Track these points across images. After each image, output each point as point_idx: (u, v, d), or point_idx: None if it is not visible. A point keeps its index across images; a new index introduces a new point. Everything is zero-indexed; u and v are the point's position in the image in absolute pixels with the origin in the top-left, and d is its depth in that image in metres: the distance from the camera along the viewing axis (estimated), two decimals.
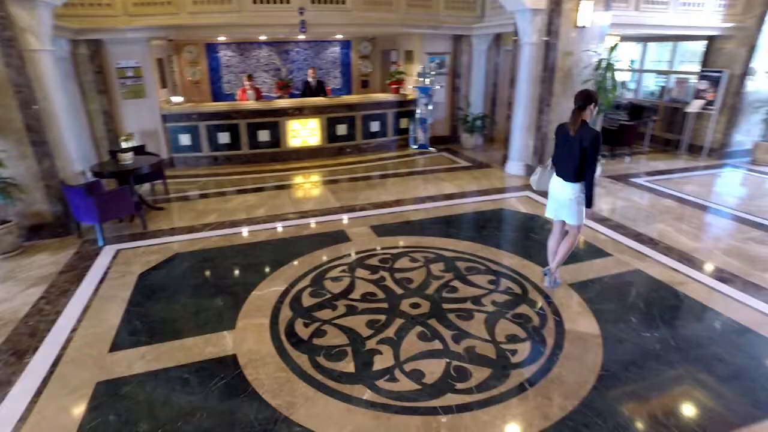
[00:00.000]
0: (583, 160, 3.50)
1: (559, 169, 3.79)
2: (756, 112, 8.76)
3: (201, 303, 3.81)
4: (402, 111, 9.31)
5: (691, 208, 6.25)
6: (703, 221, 5.81)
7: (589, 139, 3.42)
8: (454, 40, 9.33)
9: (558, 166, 3.81)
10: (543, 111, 7.10)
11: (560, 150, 3.75)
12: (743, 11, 8.33)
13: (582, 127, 3.50)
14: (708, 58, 9.03)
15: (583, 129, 3.50)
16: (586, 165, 3.51)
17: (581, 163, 3.52)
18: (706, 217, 5.95)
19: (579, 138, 3.48)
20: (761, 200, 6.63)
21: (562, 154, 3.70)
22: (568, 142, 3.59)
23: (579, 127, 3.51)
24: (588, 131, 3.47)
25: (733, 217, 5.90)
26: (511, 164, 7.84)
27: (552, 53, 6.71)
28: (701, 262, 4.60)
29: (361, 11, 7.85)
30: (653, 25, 7.92)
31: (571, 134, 3.55)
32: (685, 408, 2.72)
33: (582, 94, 3.56)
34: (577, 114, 3.51)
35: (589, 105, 3.50)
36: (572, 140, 3.54)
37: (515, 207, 6.25)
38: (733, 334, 3.46)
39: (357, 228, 5.40)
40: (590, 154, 3.45)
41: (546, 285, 4.10)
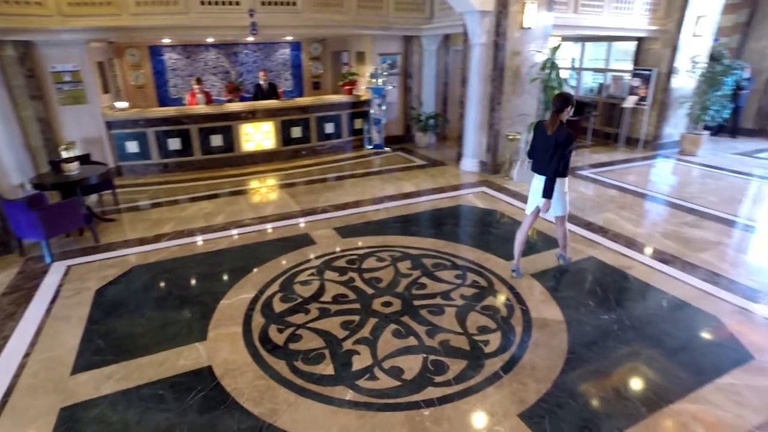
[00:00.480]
0: (556, 156, 3.80)
1: (536, 164, 4.06)
2: (681, 106, 9.51)
3: (167, 316, 3.68)
4: (356, 112, 9.34)
5: (632, 197, 6.71)
6: (643, 208, 6.26)
7: (562, 139, 3.74)
8: (404, 40, 9.48)
9: (535, 162, 4.09)
10: (494, 109, 7.37)
11: (538, 146, 4.03)
12: (665, 15, 9.02)
13: (559, 128, 3.79)
14: (638, 58, 9.71)
15: (559, 129, 3.79)
16: (560, 161, 3.81)
17: (552, 160, 3.82)
18: (645, 205, 6.41)
19: (555, 137, 3.78)
20: (690, 187, 7.23)
21: (540, 151, 3.98)
22: (546, 140, 3.87)
23: (556, 128, 3.79)
24: (563, 132, 3.77)
25: (668, 204, 6.40)
26: (466, 161, 8.07)
27: (501, 53, 6.98)
28: (645, 246, 4.97)
29: (311, 13, 7.80)
30: (590, 27, 8.41)
31: (549, 133, 3.84)
32: (643, 380, 2.96)
33: (559, 98, 3.84)
34: (555, 115, 3.81)
35: (566, 107, 3.79)
36: (549, 139, 3.83)
37: (473, 203, 6.46)
38: (676, 310, 3.78)
39: (320, 230, 5.38)
40: (562, 153, 3.77)
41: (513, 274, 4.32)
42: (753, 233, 5.47)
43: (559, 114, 3.79)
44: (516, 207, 6.20)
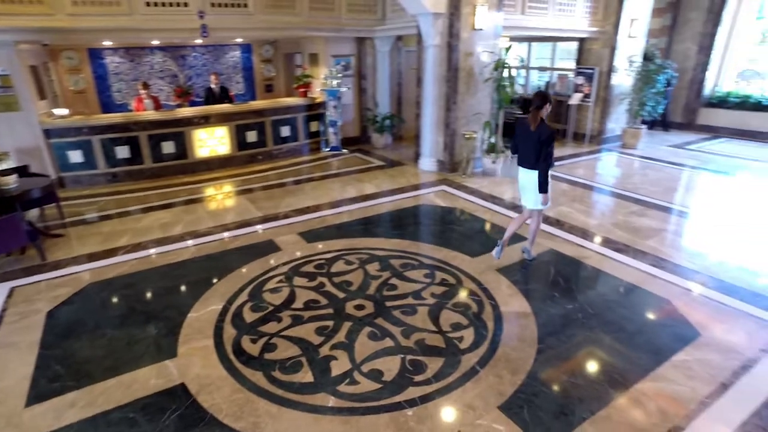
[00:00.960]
0: (540, 151, 4.05)
1: (521, 159, 4.35)
2: (621, 103, 10.11)
3: (132, 334, 3.50)
4: (311, 114, 9.25)
5: (582, 190, 7.08)
6: (593, 200, 6.61)
7: (545, 135, 4.00)
8: (357, 42, 9.49)
9: (520, 157, 4.37)
10: (450, 109, 7.53)
11: (521, 143, 4.29)
12: (603, 17, 9.55)
13: (540, 124, 4.07)
14: (581, 57, 10.22)
15: (541, 126, 4.06)
16: (542, 156, 4.05)
17: (538, 154, 4.08)
18: (595, 197, 6.77)
19: (538, 133, 4.04)
20: (634, 179, 7.71)
21: (524, 147, 4.26)
22: (529, 136, 4.13)
23: (538, 124, 4.06)
24: (545, 128, 4.04)
25: (615, 195, 6.79)
26: (424, 161, 8.20)
27: (454, 54, 7.14)
28: (599, 236, 5.25)
29: (263, 14, 7.65)
30: (536, 28, 8.75)
31: (532, 129, 4.10)
32: (608, 364, 3.13)
33: (539, 96, 4.11)
34: (535, 112, 4.07)
35: (545, 105, 4.07)
36: (533, 135, 4.08)
37: (434, 202, 6.57)
38: (632, 295, 4.03)
39: (285, 236, 5.30)
40: (546, 148, 4.01)
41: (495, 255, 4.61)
42: (689, 219, 5.91)
43: (539, 111, 4.06)
44: (475, 204, 6.38)
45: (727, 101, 11.58)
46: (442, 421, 2.64)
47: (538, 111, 4.07)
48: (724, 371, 3.10)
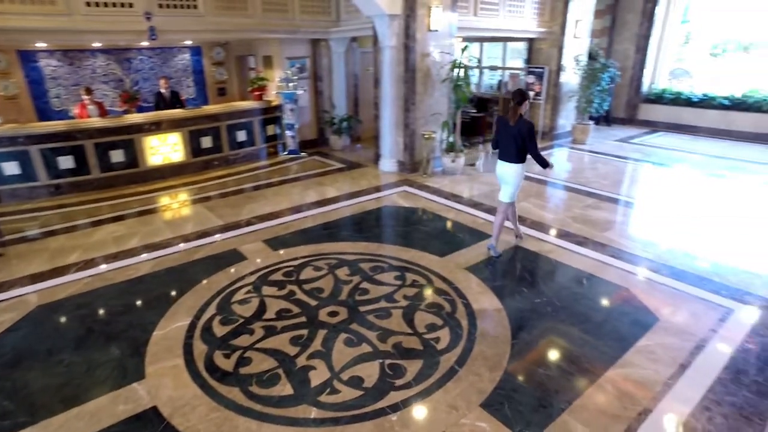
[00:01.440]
0: (523, 145, 4.36)
1: (502, 153, 4.56)
2: (570, 100, 10.56)
3: (92, 358, 3.27)
4: (268, 118, 9.05)
5: (540, 185, 7.32)
6: (551, 196, 6.85)
7: (526, 129, 4.30)
8: (312, 43, 9.38)
9: (501, 151, 4.58)
10: (409, 109, 7.58)
11: (502, 138, 4.51)
12: (550, 19, 9.93)
13: (519, 120, 4.33)
14: (531, 57, 10.58)
15: (520, 121, 4.33)
16: (526, 148, 4.38)
17: (522, 148, 4.39)
18: (552, 192, 7.02)
19: (518, 128, 4.31)
20: (586, 173, 8.06)
21: (504, 141, 4.49)
22: (508, 131, 4.39)
23: (517, 120, 4.31)
24: (524, 123, 4.33)
25: (571, 189, 7.08)
26: (385, 162, 8.21)
27: (411, 55, 7.19)
28: (560, 230, 5.46)
29: (215, 16, 7.39)
30: (488, 29, 8.98)
31: (511, 125, 4.35)
32: (579, 354, 3.25)
33: (518, 93, 4.36)
34: (515, 108, 4.32)
35: (524, 101, 4.34)
36: (512, 130, 4.35)
37: (398, 203, 6.60)
38: (595, 286, 4.22)
39: (249, 244, 5.15)
40: (528, 139, 4.33)
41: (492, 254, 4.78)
42: (639, 210, 6.26)
43: (519, 107, 4.31)
44: (438, 203, 6.46)
45: (663, 98, 12.36)
46: (426, 424, 2.65)
47: (518, 107, 4.32)
48: (682, 352, 3.30)
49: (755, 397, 2.90)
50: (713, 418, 2.74)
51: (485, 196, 6.73)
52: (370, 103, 10.25)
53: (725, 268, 4.55)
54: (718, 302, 3.97)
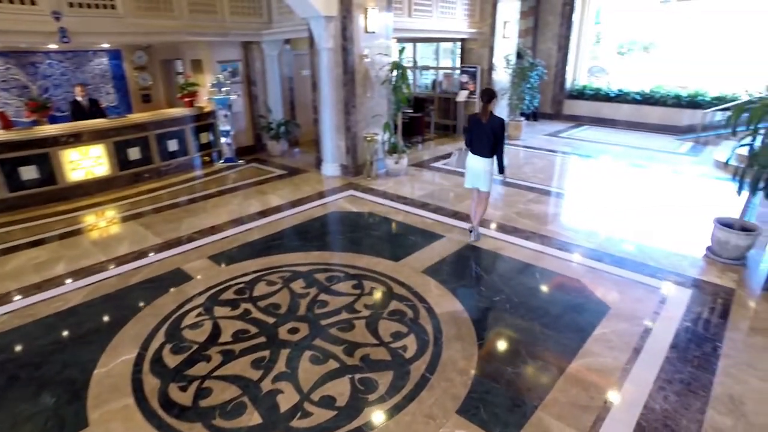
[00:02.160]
0: (495, 140, 4.64)
1: (475, 149, 4.82)
2: (502, 98, 10.97)
3: (19, 410, 2.85)
4: (201, 125, 8.57)
5: None
6: (495, 192, 7.03)
7: (497, 126, 4.60)
8: (244, 46, 9.00)
9: (474, 147, 4.84)
10: (349, 112, 7.49)
11: (475, 134, 4.77)
12: (480, 20, 10.26)
13: (491, 117, 4.62)
14: (464, 56, 10.87)
15: (492, 118, 4.62)
16: (497, 143, 4.66)
17: (494, 143, 4.67)
18: (495, 188, 7.21)
19: (490, 125, 4.61)
20: (524, 168, 8.39)
21: (478, 138, 4.75)
22: (482, 128, 4.67)
23: (489, 117, 4.60)
24: (496, 119, 4.63)
25: (512, 185, 7.32)
26: (327, 166, 8.05)
27: (350, 57, 7.10)
28: (508, 227, 5.61)
29: (136, 17, 6.85)
30: (422, 29, 9.10)
31: (484, 122, 4.63)
32: (544, 348, 3.34)
33: (487, 92, 4.66)
34: (486, 107, 4.63)
35: (493, 99, 4.64)
36: (485, 126, 4.63)
37: (345, 208, 6.48)
38: (547, 279, 4.37)
39: (194, 262, 4.82)
40: (499, 136, 4.63)
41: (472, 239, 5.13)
42: (578, 201, 6.61)
43: (489, 105, 4.61)
44: (386, 206, 6.42)
45: (584, 94, 13.21)
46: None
47: (488, 105, 4.61)
48: (634, 337, 3.49)
49: (698, 371, 3.13)
50: (668, 397, 2.91)
51: (431, 196, 6.80)
52: (307, 107, 10.04)
53: (657, 252, 4.90)
54: (656, 285, 4.26)
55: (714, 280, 4.36)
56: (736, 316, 3.80)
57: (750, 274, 4.50)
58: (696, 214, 6.10)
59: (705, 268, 4.59)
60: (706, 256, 4.87)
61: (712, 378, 3.08)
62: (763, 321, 3.75)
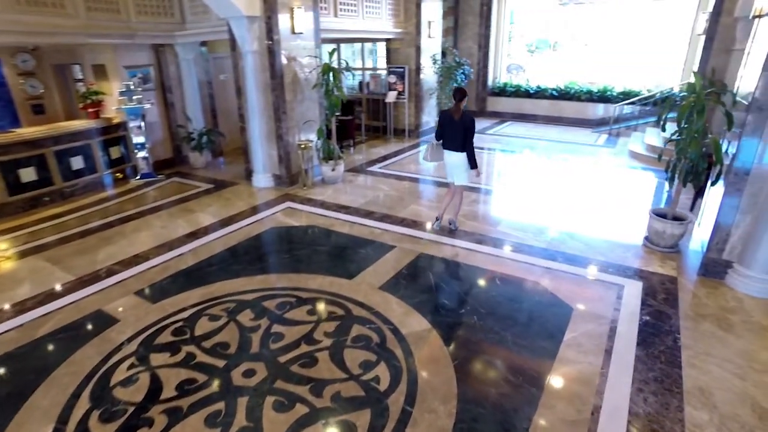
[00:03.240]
0: (466, 136, 4.90)
1: (448, 144, 5.10)
2: (431, 97, 11.00)
3: None
4: (110, 138, 7.62)
5: (423, 185, 7.42)
6: (438, 195, 6.94)
7: (469, 122, 4.88)
8: (155, 50, 8.12)
9: (446, 142, 5.12)
10: (280, 119, 7.02)
11: (447, 131, 5.06)
12: (405, 20, 10.18)
13: (463, 114, 4.90)
14: (391, 57, 10.73)
15: (464, 115, 4.90)
16: (467, 139, 4.92)
17: (465, 139, 4.92)
18: (437, 191, 7.13)
19: (462, 122, 4.88)
20: None
21: (450, 134, 5.03)
22: (453, 125, 4.94)
23: (461, 114, 4.89)
24: (467, 116, 4.92)
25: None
26: (259, 177, 7.50)
27: (277, 60, 6.63)
28: (457, 231, 5.51)
29: (17, 14, 5.80)
30: (348, 30, 8.80)
31: (456, 119, 4.91)
32: (521, 361, 3.21)
33: (459, 91, 4.93)
34: (457, 105, 4.89)
35: (464, 97, 4.90)
36: (457, 123, 4.91)
37: (284, 222, 6.04)
38: (509, 285, 4.29)
39: (118, 301, 4.16)
40: (470, 132, 4.91)
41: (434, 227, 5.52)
42: (519, 199, 6.70)
43: (460, 103, 4.89)
44: (328, 217, 6.08)
45: (506, 90, 13.67)
46: None
47: (460, 103, 4.88)
48: (602, 338, 3.49)
49: (667, 367, 3.17)
50: (647, 399, 2.90)
51: (375, 203, 6.55)
52: (230, 113, 9.38)
53: (602, 245, 5.05)
54: (610, 280, 4.36)
55: (657, 270, 4.54)
56: (684, 304, 3.96)
57: (685, 261, 4.76)
58: (625, 204, 6.43)
59: (647, 258, 4.78)
60: (645, 245, 5.09)
61: (680, 372, 3.14)
62: (706, 306, 3.94)
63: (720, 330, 3.61)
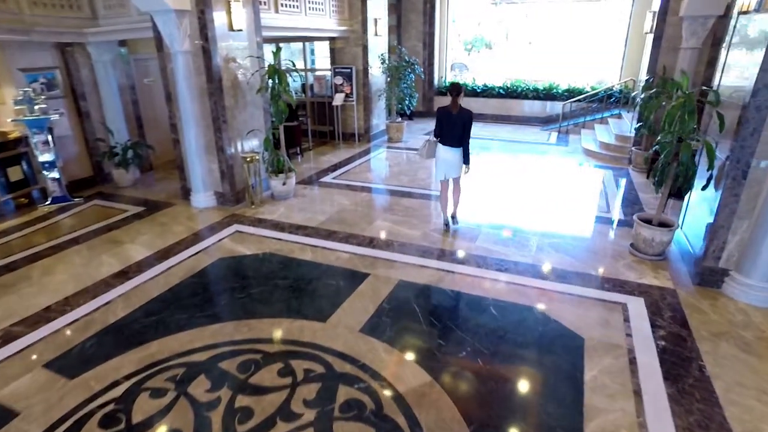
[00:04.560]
0: (464, 131, 4.96)
1: (447, 140, 5.05)
2: (380, 99, 10.41)
3: None
4: (6, 157, 6.32)
5: (383, 196, 6.80)
6: (402, 207, 6.34)
7: (467, 117, 4.93)
8: (61, 50, 6.85)
9: (445, 138, 5.06)
10: (220, 129, 6.11)
11: (445, 126, 5.01)
12: (350, 17, 9.50)
13: (461, 109, 4.89)
14: (336, 57, 10.00)
15: (461, 110, 4.90)
16: (466, 134, 4.99)
17: (463, 134, 4.97)
18: (400, 202, 6.53)
19: (460, 116, 4.90)
20: (419, 174, 7.90)
21: (449, 129, 4.99)
22: (452, 120, 4.93)
23: (459, 109, 4.87)
24: (465, 111, 4.93)
25: (414, 196, 6.73)
26: (198, 197, 6.52)
27: (213, 61, 5.73)
28: (428, 249, 4.95)
29: None
30: (290, 27, 7.98)
31: (454, 113, 4.89)
32: (548, 417, 2.69)
33: (456, 86, 4.89)
34: (455, 100, 4.86)
35: (461, 92, 4.89)
36: (455, 118, 4.91)
37: (234, 250, 5.18)
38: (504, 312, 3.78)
39: (19, 380, 3.16)
40: (468, 127, 4.97)
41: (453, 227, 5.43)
42: (489, 207, 6.26)
43: (458, 97, 4.86)
44: (285, 241, 5.31)
45: None
46: None
47: (457, 98, 4.85)
48: (625, 373, 3.07)
49: (706, 407, 2.79)
50: None
51: (336, 221, 5.85)
52: (159, 123, 8.26)
53: (589, 256, 4.74)
54: (611, 298, 4.00)
55: (653, 282, 4.25)
56: (693, 322, 3.66)
57: (676, 269, 4.51)
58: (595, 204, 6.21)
59: (638, 269, 4.49)
60: (631, 253, 4.81)
61: (722, 411, 2.76)
62: (716, 324, 3.66)
63: (741, 352, 3.30)
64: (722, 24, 7.30)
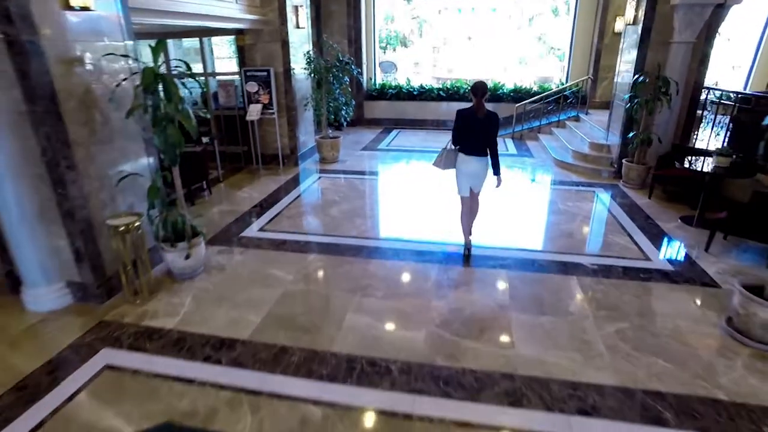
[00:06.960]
0: (491, 137, 4.26)
1: (469, 148, 4.31)
2: (307, 109, 8.17)
3: None
4: None
5: (343, 258, 4.64)
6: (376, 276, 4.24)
7: (495, 120, 4.21)
8: None
9: (467, 146, 4.31)
10: (64, 180, 3.54)
11: (468, 132, 4.27)
12: (262, 4, 7.10)
13: (486, 112, 4.17)
14: (245, 57, 7.53)
15: (488, 112, 4.18)
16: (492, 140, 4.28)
17: (490, 140, 4.27)
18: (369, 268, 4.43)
19: (487, 119, 4.17)
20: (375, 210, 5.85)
21: (472, 135, 4.26)
22: (476, 125, 4.20)
23: (484, 112, 4.16)
24: (491, 113, 4.20)
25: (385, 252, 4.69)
26: (37, 293, 3.82)
27: (38, 64, 3.17)
28: (458, 375, 2.95)
29: None
30: (175, 12, 5.42)
31: (479, 116, 4.16)
32: None
33: (480, 86, 4.13)
34: (479, 101, 4.13)
35: (486, 93, 4.15)
36: (481, 121, 4.18)
37: (110, 410, 2.74)
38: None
39: None
40: (495, 132, 4.27)
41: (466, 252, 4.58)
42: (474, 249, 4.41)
43: (482, 98, 4.12)
44: (198, 383, 2.97)
45: (385, 93, 11.49)
46: None
47: (482, 99, 4.13)
48: None
49: None
50: None
51: (280, 322, 3.61)
52: None
53: (675, 354, 3.01)
54: None
55: None
56: None
57: None
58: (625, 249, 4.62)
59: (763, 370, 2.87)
60: (734, 338, 3.26)
61: None
62: None
63: None
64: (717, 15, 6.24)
